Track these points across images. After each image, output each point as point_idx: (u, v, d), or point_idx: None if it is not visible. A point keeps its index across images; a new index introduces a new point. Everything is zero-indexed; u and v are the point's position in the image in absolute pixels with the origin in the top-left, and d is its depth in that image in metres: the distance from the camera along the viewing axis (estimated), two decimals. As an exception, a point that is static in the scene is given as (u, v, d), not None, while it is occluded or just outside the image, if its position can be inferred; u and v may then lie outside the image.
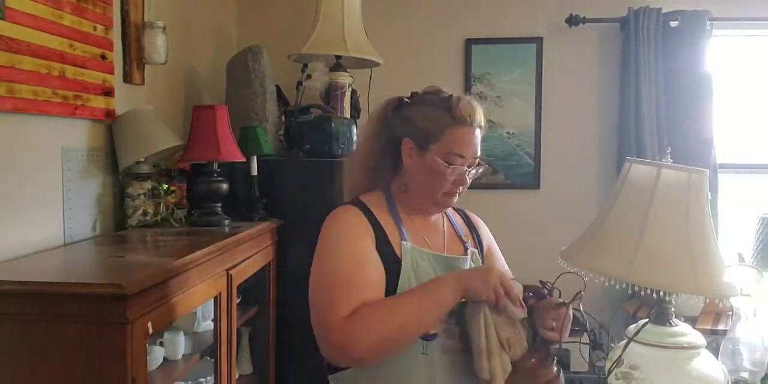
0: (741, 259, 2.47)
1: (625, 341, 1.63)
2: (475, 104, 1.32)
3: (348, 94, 2.63)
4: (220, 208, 2.04)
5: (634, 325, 1.67)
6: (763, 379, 1.75)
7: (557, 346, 1.24)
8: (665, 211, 1.54)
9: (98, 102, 1.77)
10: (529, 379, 1.23)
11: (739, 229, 2.82)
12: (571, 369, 2.63)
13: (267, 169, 2.25)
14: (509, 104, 3.00)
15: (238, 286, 1.85)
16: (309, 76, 2.53)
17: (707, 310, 2.44)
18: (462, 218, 1.48)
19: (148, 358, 1.32)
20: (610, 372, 1.61)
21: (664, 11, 2.80)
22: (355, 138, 2.41)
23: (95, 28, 1.75)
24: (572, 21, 2.87)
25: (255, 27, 3.04)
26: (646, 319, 1.65)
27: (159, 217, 1.95)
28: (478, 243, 1.45)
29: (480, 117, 1.31)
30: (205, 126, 2.03)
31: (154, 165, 2.02)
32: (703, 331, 1.71)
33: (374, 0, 2.88)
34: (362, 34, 2.62)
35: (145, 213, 1.90)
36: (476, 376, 1.20)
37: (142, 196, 1.90)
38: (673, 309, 1.64)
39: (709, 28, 2.78)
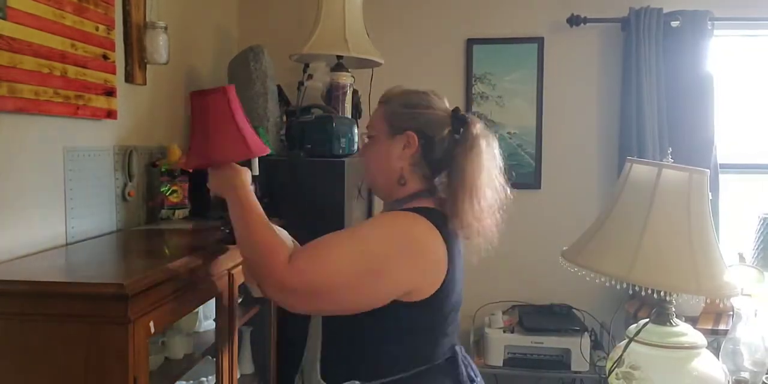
0: (742, 259, 2.47)
1: (626, 341, 1.64)
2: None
3: (349, 94, 2.63)
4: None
5: (635, 325, 1.67)
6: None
7: None
8: (666, 212, 1.55)
9: (100, 102, 1.77)
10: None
11: (739, 229, 2.82)
12: (572, 369, 2.63)
13: (268, 169, 2.24)
14: (510, 104, 3.00)
15: (240, 286, 1.85)
16: (310, 76, 2.53)
17: (708, 310, 2.44)
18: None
19: (149, 357, 1.33)
20: (610, 372, 1.62)
21: (665, 11, 2.80)
22: (356, 138, 2.41)
23: (97, 28, 1.75)
24: (573, 21, 2.87)
25: (256, 27, 3.04)
26: (647, 319, 1.65)
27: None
28: None
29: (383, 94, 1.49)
30: (222, 116, 1.40)
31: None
32: (704, 331, 1.71)
33: (376, 0, 2.88)
34: (363, 34, 2.62)
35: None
36: None
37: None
38: (673, 309, 1.64)
39: (710, 28, 2.77)
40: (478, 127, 1.39)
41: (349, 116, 2.61)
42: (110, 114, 1.83)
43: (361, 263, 1.24)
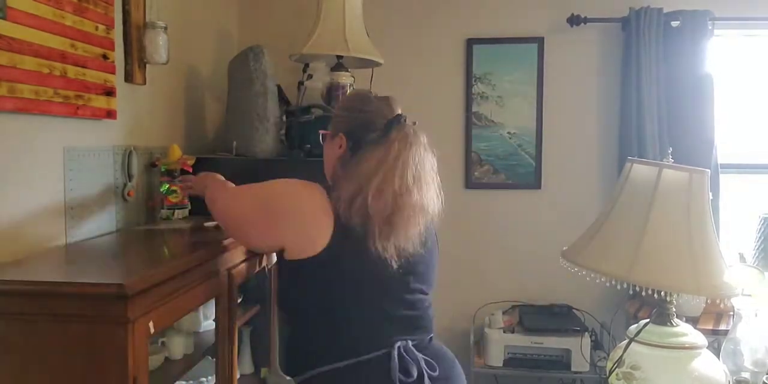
0: (742, 259, 2.47)
1: (627, 341, 1.64)
2: None
3: (349, 94, 2.63)
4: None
5: (636, 325, 1.67)
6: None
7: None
8: (666, 211, 1.55)
9: (100, 102, 1.77)
10: None
11: (740, 229, 2.82)
12: (572, 369, 2.63)
13: (268, 169, 2.25)
14: (510, 104, 3.00)
15: (239, 286, 1.85)
16: (310, 76, 2.53)
17: (708, 310, 2.44)
18: None
19: (149, 357, 1.33)
20: (611, 372, 1.62)
21: (665, 11, 2.80)
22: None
23: (97, 28, 1.75)
24: (573, 21, 2.87)
25: (256, 27, 3.04)
26: (648, 320, 1.65)
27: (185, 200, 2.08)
28: None
29: None
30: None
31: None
32: (705, 332, 1.71)
33: (376, 0, 2.88)
34: (363, 33, 2.62)
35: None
36: None
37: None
38: (674, 309, 1.64)
39: (710, 27, 2.77)
40: (400, 134, 1.42)
41: (349, 116, 2.60)
42: (110, 114, 1.83)
43: (257, 205, 1.47)
